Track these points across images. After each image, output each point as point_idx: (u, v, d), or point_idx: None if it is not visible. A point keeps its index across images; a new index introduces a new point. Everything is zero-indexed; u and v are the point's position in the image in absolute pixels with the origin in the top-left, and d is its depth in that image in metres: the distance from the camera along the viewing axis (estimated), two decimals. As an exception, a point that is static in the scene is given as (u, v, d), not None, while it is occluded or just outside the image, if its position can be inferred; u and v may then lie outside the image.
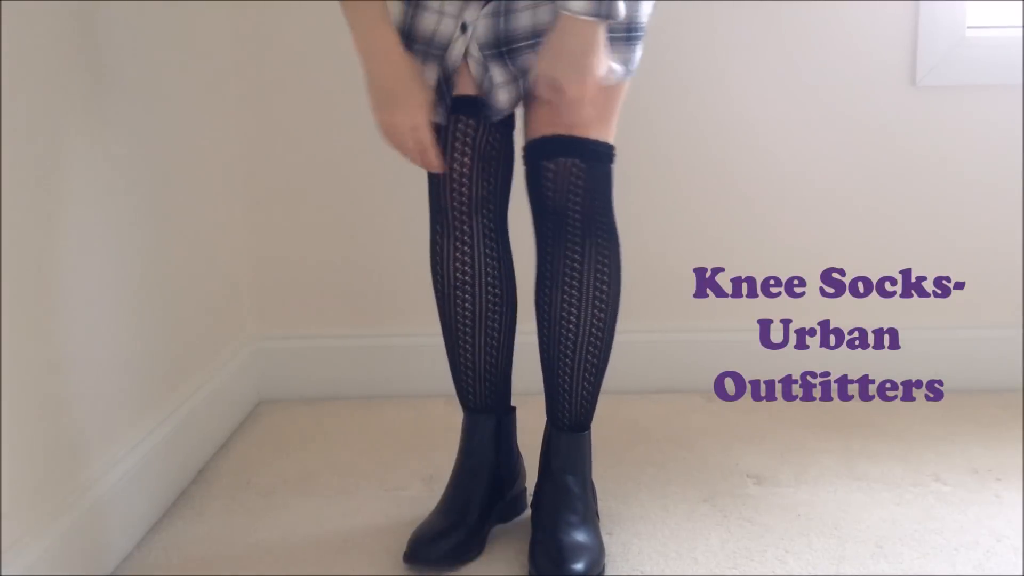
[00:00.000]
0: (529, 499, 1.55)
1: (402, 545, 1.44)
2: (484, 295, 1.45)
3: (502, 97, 1.36)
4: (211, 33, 1.93)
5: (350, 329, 2.14)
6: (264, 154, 2.07)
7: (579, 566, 1.34)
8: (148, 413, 1.59)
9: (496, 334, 1.47)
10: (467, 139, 1.39)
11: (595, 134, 1.35)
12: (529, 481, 1.57)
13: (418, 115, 1.34)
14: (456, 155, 1.40)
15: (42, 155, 1.29)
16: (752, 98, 2.03)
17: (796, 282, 2.09)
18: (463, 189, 1.41)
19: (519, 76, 1.35)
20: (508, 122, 1.42)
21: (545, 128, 1.36)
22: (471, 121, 1.38)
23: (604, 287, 1.39)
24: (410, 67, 1.34)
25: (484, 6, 1.32)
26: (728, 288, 2.09)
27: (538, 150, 1.37)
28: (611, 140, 1.38)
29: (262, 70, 2.04)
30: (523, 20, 1.32)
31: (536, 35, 1.31)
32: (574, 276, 1.39)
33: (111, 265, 1.48)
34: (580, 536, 1.38)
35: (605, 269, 1.39)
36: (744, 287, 2.09)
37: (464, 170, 1.40)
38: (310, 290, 2.13)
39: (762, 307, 2.10)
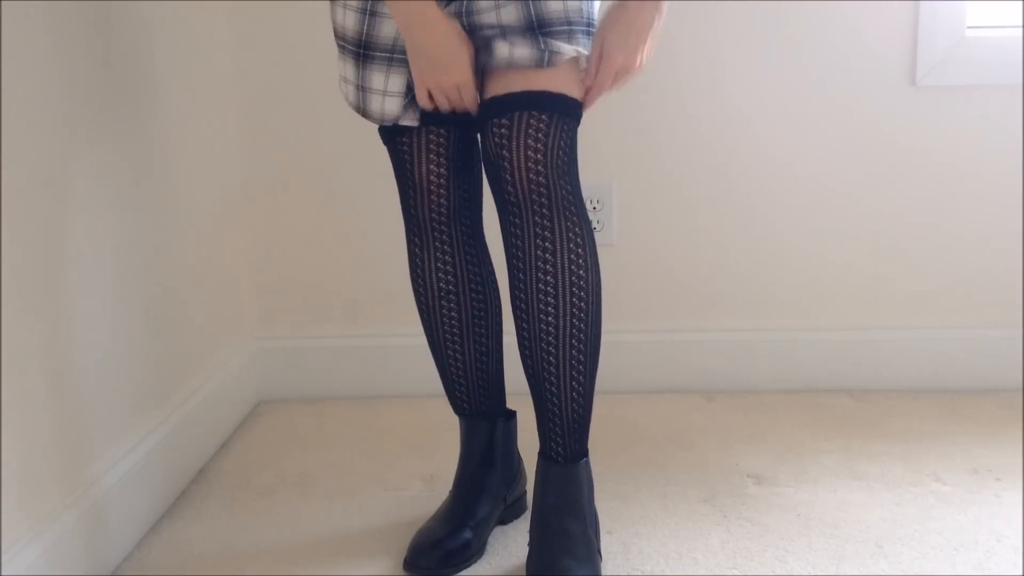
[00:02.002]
0: (529, 502, 1.55)
1: (402, 545, 1.44)
2: (469, 303, 1.45)
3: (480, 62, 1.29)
4: (211, 35, 1.93)
5: (350, 329, 2.14)
6: (264, 154, 2.07)
7: None
8: (148, 413, 1.60)
9: (484, 340, 1.47)
10: (440, 149, 1.37)
11: (557, 87, 1.27)
12: (531, 483, 1.57)
13: (465, 75, 1.28)
14: (432, 166, 1.38)
15: (43, 157, 1.29)
16: (752, 98, 2.03)
17: (795, 282, 2.09)
18: (441, 200, 1.40)
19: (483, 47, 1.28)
20: (473, 123, 1.38)
21: (497, 88, 1.28)
22: (442, 131, 1.37)
23: (582, 272, 1.30)
24: (455, 32, 1.27)
25: (444, 7, 1.27)
26: (728, 288, 2.10)
27: (492, 109, 1.28)
28: (577, 96, 1.29)
29: (262, 71, 2.04)
30: (487, 18, 1.26)
31: (502, 29, 1.25)
32: (548, 260, 1.30)
33: (111, 266, 1.48)
34: None
35: (580, 251, 1.30)
36: (744, 287, 2.10)
37: (441, 180, 1.39)
38: (310, 290, 2.13)
39: (763, 307, 2.10)
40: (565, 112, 1.28)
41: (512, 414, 1.53)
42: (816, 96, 2.03)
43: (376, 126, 1.41)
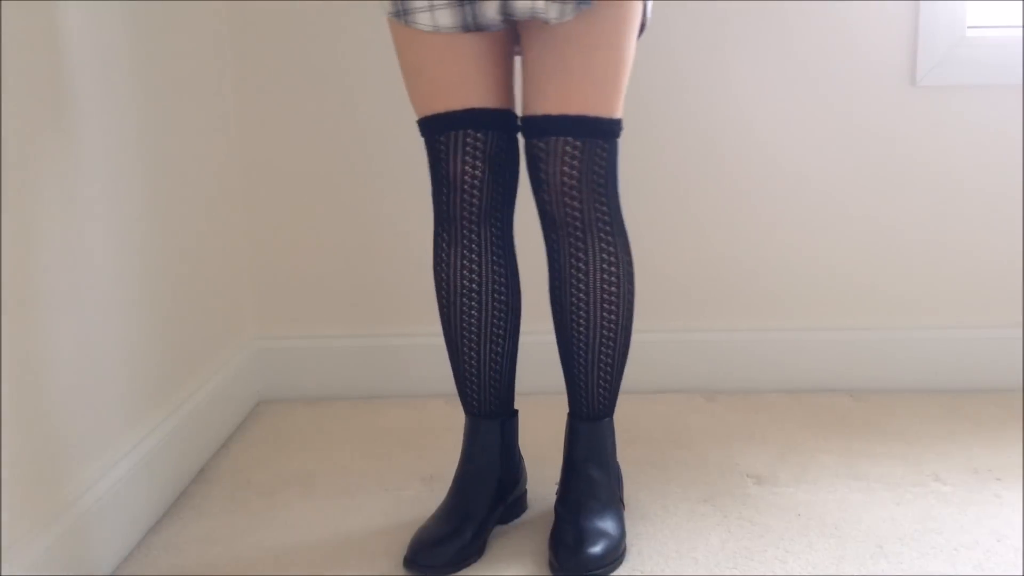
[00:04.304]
0: (528, 501, 1.56)
1: (402, 545, 1.44)
2: (491, 304, 1.45)
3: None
4: (210, 33, 1.93)
5: (350, 329, 2.14)
6: (264, 154, 2.07)
7: (597, 549, 1.36)
8: (148, 413, 1.60)
9: (501, 342, 1.47)
10: (476, 151, 1.38)
11: (594, 109, 1.33)
12: (531, 483, 1.57)
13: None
14: (467, 167, 1.39)
15: (40, 156, 1.29)
16: (752, 98, 2.03)
17: (795, 281, 2.09)
18: (474, 199, 1.40)
19: None
20: (512, 125, 1.41)
21: (535, 106, 1.35)
22: (479, 134, 1.38)
23: (613, 288, 1.41)
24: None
25: None
26: (728, 288, 2.10)
27: (530, 129, 1.37)
28: (616, 115, 1.36)
29: (262, 71, 2.04)
30: None
31: None
32: (580, 279, 1.40)
33: (111, 265, 1.48)
34: (600, 522, 1.40)
35: (612, 269, 1.40)
36: (744, 287, 2.10)
37: (475, 182, 1.39)
38: (310, 290, 2.13)
39: (761, 307, 2.10)
40: (600, 135, 1.34)
41: (515, 412, 1.53)
42: (816, 96, 2.03)
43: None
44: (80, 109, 1.39)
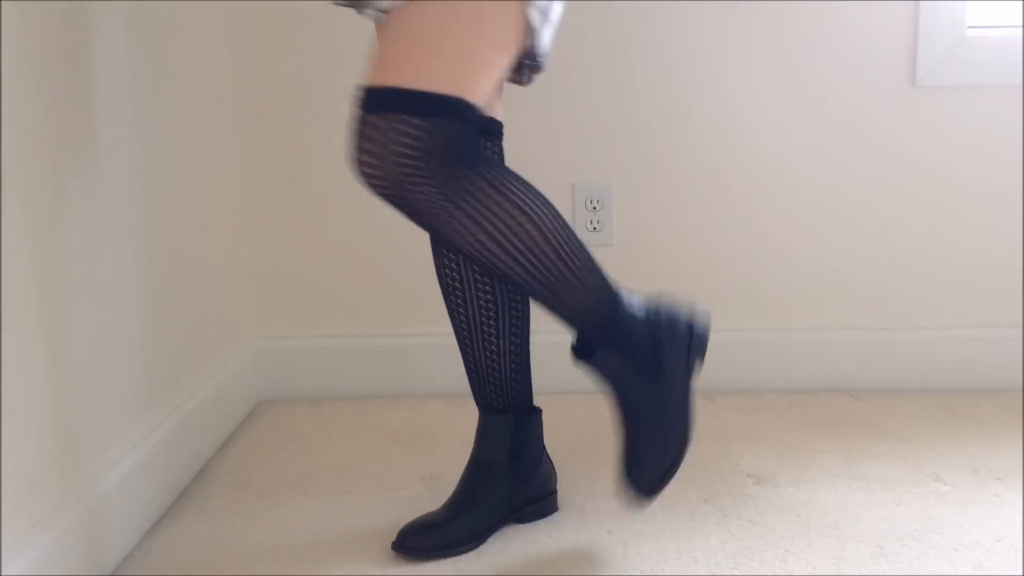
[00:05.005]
0: (560, 502, 1.56)
1: (402, 545, 1.45)
2: (476, 301, 1.45)
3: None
4: (210, 34, 1.93)
5: (350, 329, 2.14)
6: (264, 154, 2.07)
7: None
8: (148, 413, 1.60)
9: (494, 340, 1.46)
10: None
11: (384, 79, 1.15)
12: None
13: None
14: None
15: (42, 156, 1.29)
16: (752, 99, 2.03)
17: (795, 282, 2.09)
18: None
19: None
20: (482, 127, 1.38)
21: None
22: None
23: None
24: None
25: None
26: (728, 288, 2.10)
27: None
28: (426, 87, 1.13)
29: (262, 71, 2.04)
30: None
31: None
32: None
33: (111, 265, 1.48)
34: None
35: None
36: (744, 287, 2.10)
37: None
38: (310, 290, 2.13)
39: (762, 307, 2.10)
40: (399, 108, 1.13)
41: (532, 410, 1.51)
42: (816, 96, 2.03)
43: None
44: (79, 109, 1.38)
